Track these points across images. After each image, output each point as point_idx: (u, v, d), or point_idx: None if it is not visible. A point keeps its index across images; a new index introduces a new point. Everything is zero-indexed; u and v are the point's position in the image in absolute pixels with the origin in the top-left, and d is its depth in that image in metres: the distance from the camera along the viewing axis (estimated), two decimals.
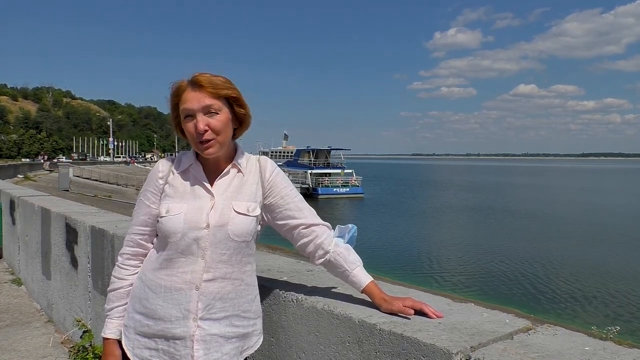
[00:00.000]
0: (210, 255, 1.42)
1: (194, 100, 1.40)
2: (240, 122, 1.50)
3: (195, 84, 1.41)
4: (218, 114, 1.41)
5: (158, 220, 1.47)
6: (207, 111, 1.40)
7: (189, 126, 1.42)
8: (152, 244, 1.54)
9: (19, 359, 3.47)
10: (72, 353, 3.33)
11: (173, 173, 1.51)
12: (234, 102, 1.46)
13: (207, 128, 1.40)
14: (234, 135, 1.52)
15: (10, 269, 6.12)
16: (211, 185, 1.47)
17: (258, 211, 1.49)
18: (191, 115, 1.41)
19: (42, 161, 64.34)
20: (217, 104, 1.41)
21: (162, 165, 1.53)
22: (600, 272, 18.29)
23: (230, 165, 1.51)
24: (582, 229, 28.68)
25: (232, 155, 1.53)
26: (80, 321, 3.35)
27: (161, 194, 1.49)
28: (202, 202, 1.45)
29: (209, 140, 1.41)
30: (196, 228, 1.41)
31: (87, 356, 3.12)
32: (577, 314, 13.67)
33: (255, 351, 1.57)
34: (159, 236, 1.49)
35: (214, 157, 1.48)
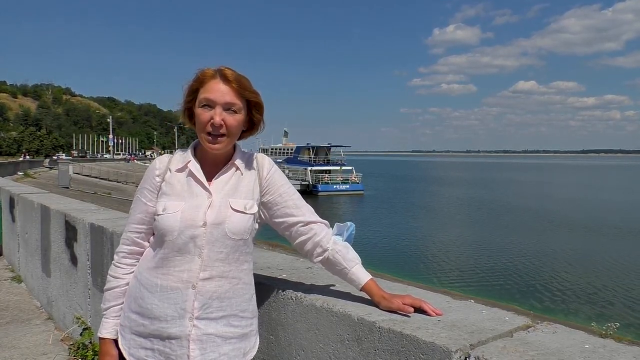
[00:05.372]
0: (207, 253, 1.41)
1: (218, 92, 1.39)
2: (251, 126, 1.50)
3: (223, 76, 1.40)
4: (237, 113, 1.41)
5: (155, 219, 1.46)
6: (228, 108, 1.40)
7: (204, 115, 1.40)
8: (149, 242, 1.53)
9: (19, 357, 3.47)
10: (72, 350, 3.34)
11: (170, 171, 1.49)
12: (253, 107, 1.46)
13: (222, 123, 1.39)
14: (240, 137, 1.51)
15: (10, 267, 6.12)
16: (209, 183, 1.46)
17: (255, 209, 1.48)
18: (210, 106, 1.39)
19: (22, 159, 63.51)
20: (239, 104, 1.41)
21: (160, 163, 1.51)
22: (601, 268, 18.32)
23: (228, 164, 1.50)
24: (582, 225, 28.68)
25: (230, 154, 1.51)
26: (80, 318, 3.36)
27: (158, 192, 1.48)
28: (200, 200, 1.43)
29: (219, 136, 1.40)
30: (193, 226, 1.40)
31: (87, 353, 3.12)
32: (578, 310, 13.70)
33: None
34: (155, 234, 1.48)
35: (213, 155, 1.47)
